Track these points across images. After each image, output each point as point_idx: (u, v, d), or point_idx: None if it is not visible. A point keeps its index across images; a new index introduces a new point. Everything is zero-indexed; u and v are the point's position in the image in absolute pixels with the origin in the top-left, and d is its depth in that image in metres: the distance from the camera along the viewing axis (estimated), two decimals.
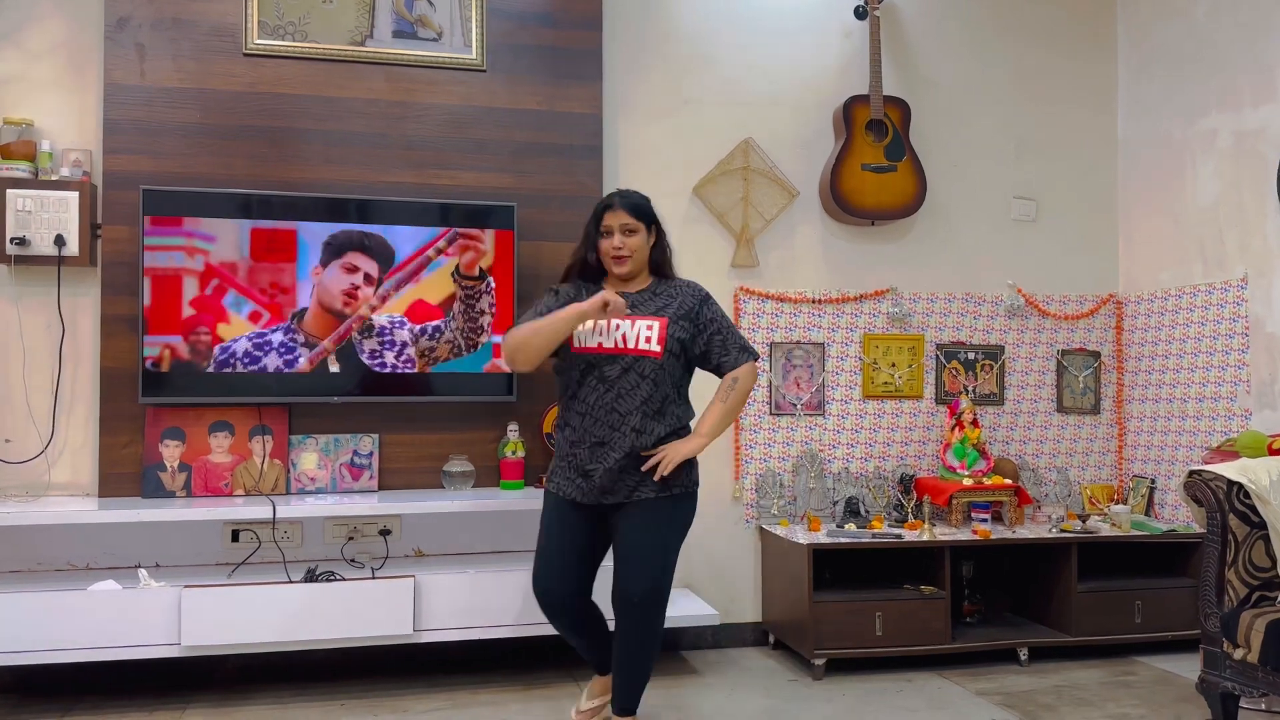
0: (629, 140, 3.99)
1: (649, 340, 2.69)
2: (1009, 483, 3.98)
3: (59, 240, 3.38)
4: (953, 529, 3.87)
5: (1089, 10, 4.48)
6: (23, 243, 3.35)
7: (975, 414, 4.06)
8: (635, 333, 2.70)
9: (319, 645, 3.20)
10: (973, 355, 4.29)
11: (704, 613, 3.57)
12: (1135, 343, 4.37)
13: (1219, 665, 2.88)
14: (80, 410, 3.51)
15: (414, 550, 3.70)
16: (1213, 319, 3.95)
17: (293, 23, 3.64)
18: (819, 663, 3.56)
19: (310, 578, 3.23)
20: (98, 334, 3.49)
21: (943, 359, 4.26)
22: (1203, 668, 2.94)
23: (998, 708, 3.26)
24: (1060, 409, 4.38)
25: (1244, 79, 3.83)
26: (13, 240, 3.34)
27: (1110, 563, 4.06)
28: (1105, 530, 3.88)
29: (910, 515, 3.97)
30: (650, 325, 2.71)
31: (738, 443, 4.03)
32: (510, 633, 3.32)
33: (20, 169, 3.38)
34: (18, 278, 3.46)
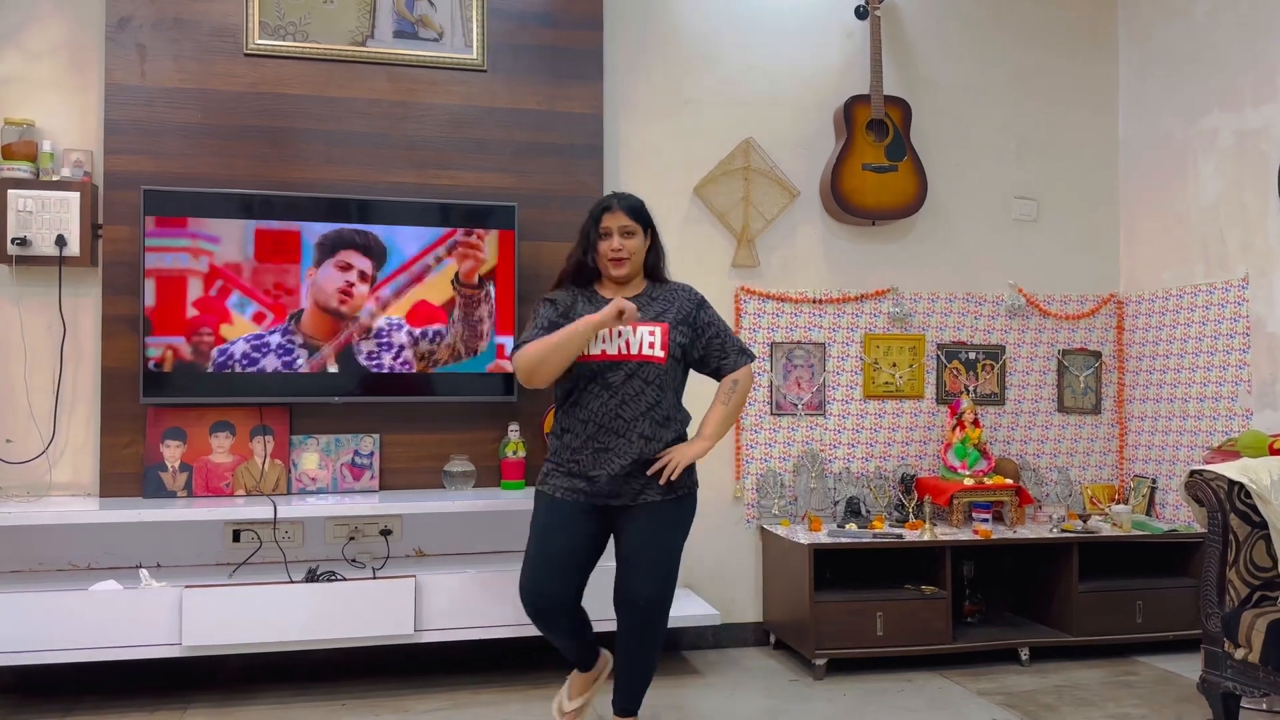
0: (630, 140, 3.99)
1: (652, 346, 2.67)
2: (1010, 483, 3.98)
3: (60, 240, 3.38)
4: (954, 529, 3.87)
5: (1089, 10, 4.48)
6: (24, 243, 3.35)
7: (976, 414, 4.06)
8: (638, 338, 2.67)
9: (320, 645, 3.20)
10: (974, 355, 4.29)
11: (705, 613, 3.57)
12: (1136, 342, 4.37)
13: (1220, 665, 2.87)
14: (81, 410, 3.52)
15: (415, 550, 3.71)
16: (1214, 319, 3.95)
17: (294, 23, 3.64)
18: (820, 663, 3.56)
19: (311, 578, 3.23)
20: (99, 334, 3.49)
21: (944, 359, 4.26)
22: (1204, 668, 2.93)
23: (999, 708, 3.26)
24: (1061, 409, 4.38)
25: (1245, 78, 3.83)
26: (14, 240, 3.34)
27: (1111, 563, 4.06)
28: (1106, 530, 3.88)
29: (911, 515, 3.97)
30: (653, 331, 2.69)
31: (739, 443, 4.03)
32: (511, 633, 3.32)
33: (21, 169, 3.38)
34: (19, 278, 3.46)
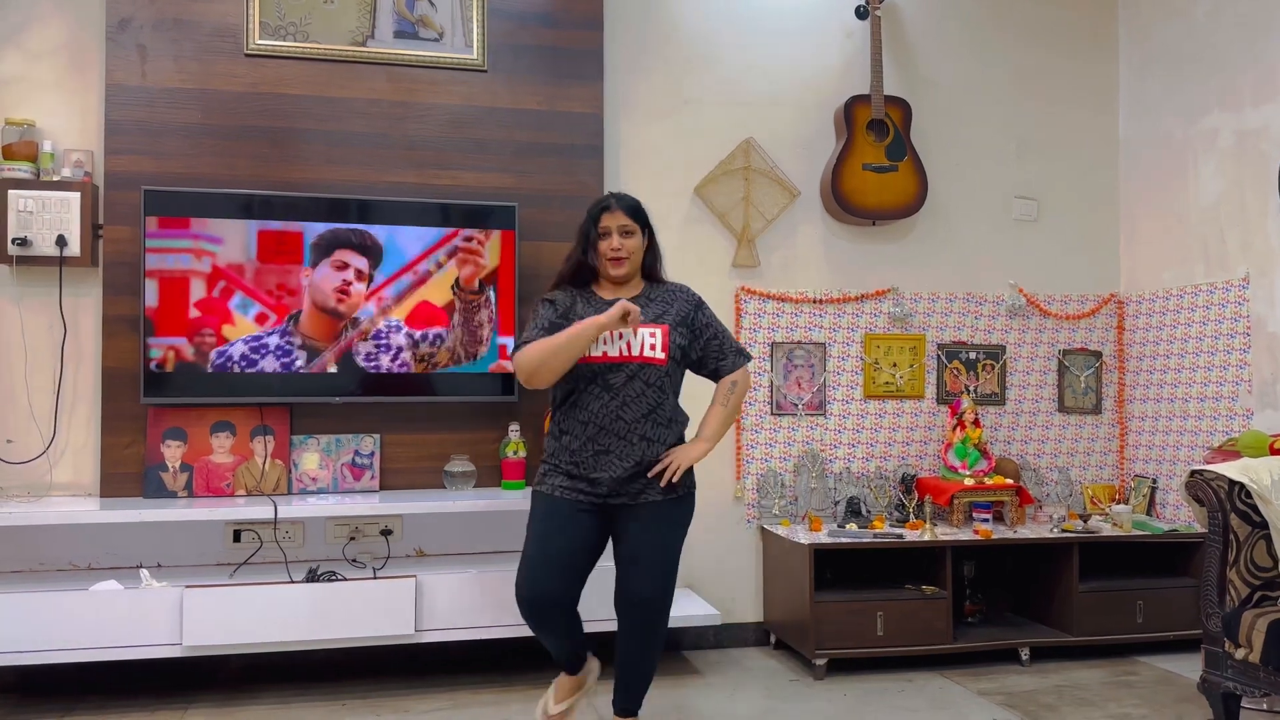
0: (630, 140, 3.99)
1: (654, 348, 2.67)
2: (1010, 483, 3.98)
3: (61, 241, 3.38)
4: (954, 529, 3.87)
5: (1089, 10, 4.48)
6: (24, 243, 3.35)
7: (976, 414, 4.06)
8: (640, 340, 2.66)
9: (321, 645, 3.20)
10: (974, 355, 4.29)
11: (705, 613, 3.57)
12: (1137, 342, 4.37)
13: (1221, 665, 2.87)
14: (82, 410, 3.52)
15: (415, 550, 3.71)
16: (1214, 319, 3.95)
17: (294, 23, 3.65)
18: (820, 663, 3.56)
19: (312, 578, 3.23)
20: (99, 334, 3.49)
21: (944, 359, 4.26)
22: (1204, 668, 2.93)
23: (999, 708, 3.26)
24: (1061, 409, 4.38)
25: (1245, 78, 3.83)
26: (14, 241, 3.34)
27: (1112, 562, 4.06)
28: (1107, 530, 3.88)
29: (911, 515, 3.97)
30: (654, 333, 2.68)
31: (739, 443, 4.03)
32: (512, 633, 3.32)
33: (22, 169, 3.38)
34: (19, 278, 3.46)
